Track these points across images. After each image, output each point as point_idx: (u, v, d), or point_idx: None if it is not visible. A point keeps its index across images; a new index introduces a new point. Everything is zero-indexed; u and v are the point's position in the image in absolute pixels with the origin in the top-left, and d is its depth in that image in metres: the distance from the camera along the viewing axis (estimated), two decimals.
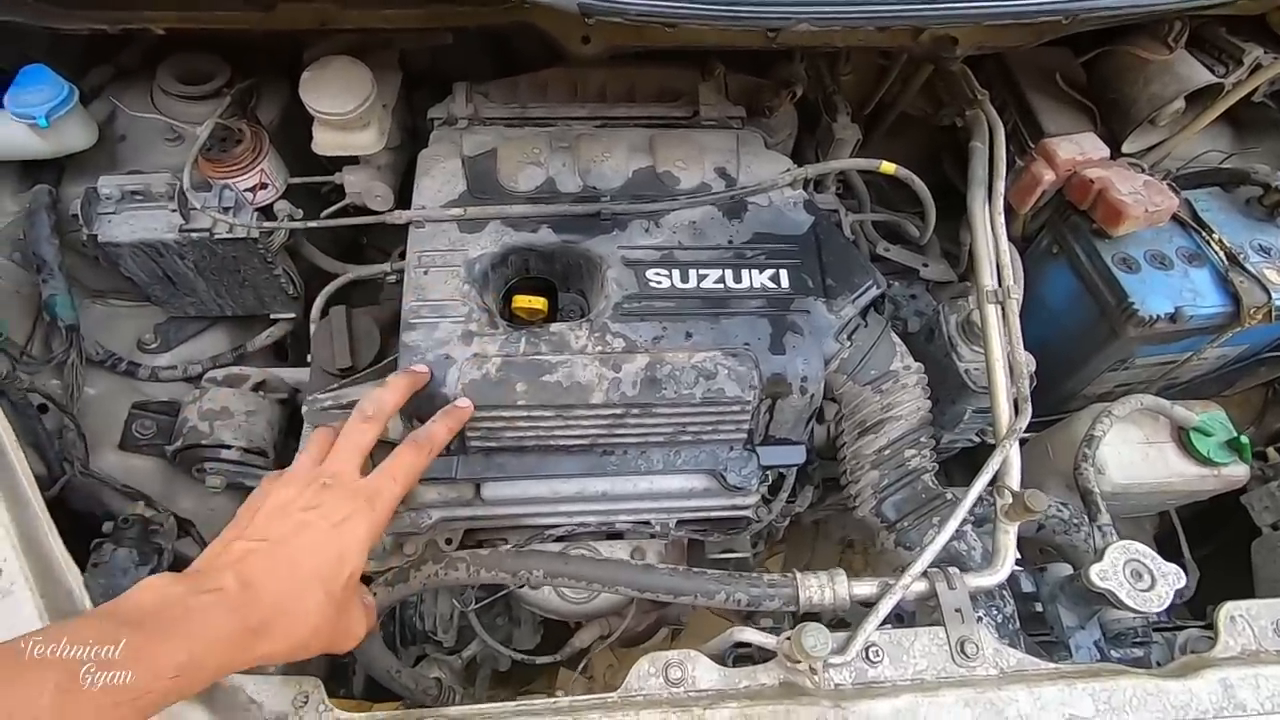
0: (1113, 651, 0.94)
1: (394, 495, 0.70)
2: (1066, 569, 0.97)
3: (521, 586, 1.04)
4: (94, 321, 1.15)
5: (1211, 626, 0.84)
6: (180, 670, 0.50)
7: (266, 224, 0.99)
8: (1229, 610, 0.83)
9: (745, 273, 0.93)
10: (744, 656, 0.81)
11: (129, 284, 1.12)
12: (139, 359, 1.16)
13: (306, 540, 0.62)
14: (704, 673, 0.74)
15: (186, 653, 0.50)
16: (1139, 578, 0.83)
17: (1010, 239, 1.02)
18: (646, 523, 1.02)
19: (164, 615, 0.52)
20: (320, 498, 0.65)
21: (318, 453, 0.72)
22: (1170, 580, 0.83)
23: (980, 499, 0.97)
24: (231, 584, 0.56)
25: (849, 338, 0.95)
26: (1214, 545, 1.37)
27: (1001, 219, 0.97)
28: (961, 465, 1.33)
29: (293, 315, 1.20)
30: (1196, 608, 1.27)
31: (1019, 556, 1.07)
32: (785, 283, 0.93)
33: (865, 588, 0.80)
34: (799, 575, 0.81)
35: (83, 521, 1.03)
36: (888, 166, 1.01)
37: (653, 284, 0.91)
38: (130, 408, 1.12)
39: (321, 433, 0.74)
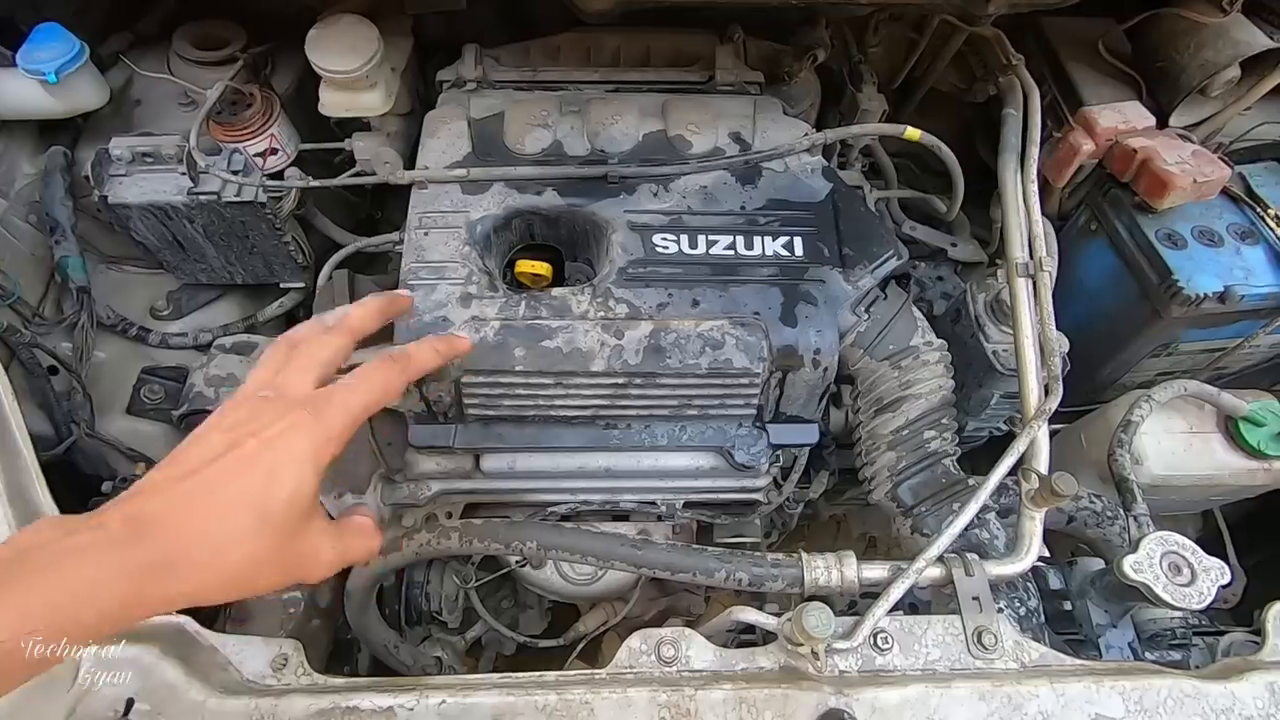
0: (1147, 654, 0.87)
1: (348, 406, 0.56)
2: (1098, 563, 0.91)
3: (521, 565, 1.01)
4: (108, 287, 1.15)
5: (1259, 630, 0.77)
6: (46, 620, 0.42)
7: (271, 183, 0.98)
8: (1279, 610, 0.76)
9: (757, 239, 0.89)
10: (746, 642, 0.77)
11: (142, 250, 1.12)
12: (150, 325, 1.16)
13: (228, 461, 0.51)
14: (699, 652, 0.70)
15: (47, 601, 0.43)
16: (1177, 571, 0.76)
17: (1046, 216, 0.96)
18: (652, 503, 0.98)
19: (29, 560, 0.44)
20: (252, 412, 0.54)
21: (272, 366, 0.59)
22: (1213, 575, 0.76)
23: (1006, 487, 0.91)
24: (115, 520, 0.48)
25: (867, 310, 0.90)
26: (1264, 553, 1.28)
27: (1035, 187, 0.91)
28: (988, 458, 1.25)
29: (303, 285, 1.19)
30: (1243, 617, 1.18)
31: (1047, 553, 1.01)
32: (799, 251, 0.88)
33: (876, 571, 0.76)
34: (805, 555, 0.77)
35: (92, 484, 1.04)
36: (912, 133, 0.95)
37: (659, 249, 0.88)
38: (139, 373, 1.12)
39: (276, 344, 0.61)
